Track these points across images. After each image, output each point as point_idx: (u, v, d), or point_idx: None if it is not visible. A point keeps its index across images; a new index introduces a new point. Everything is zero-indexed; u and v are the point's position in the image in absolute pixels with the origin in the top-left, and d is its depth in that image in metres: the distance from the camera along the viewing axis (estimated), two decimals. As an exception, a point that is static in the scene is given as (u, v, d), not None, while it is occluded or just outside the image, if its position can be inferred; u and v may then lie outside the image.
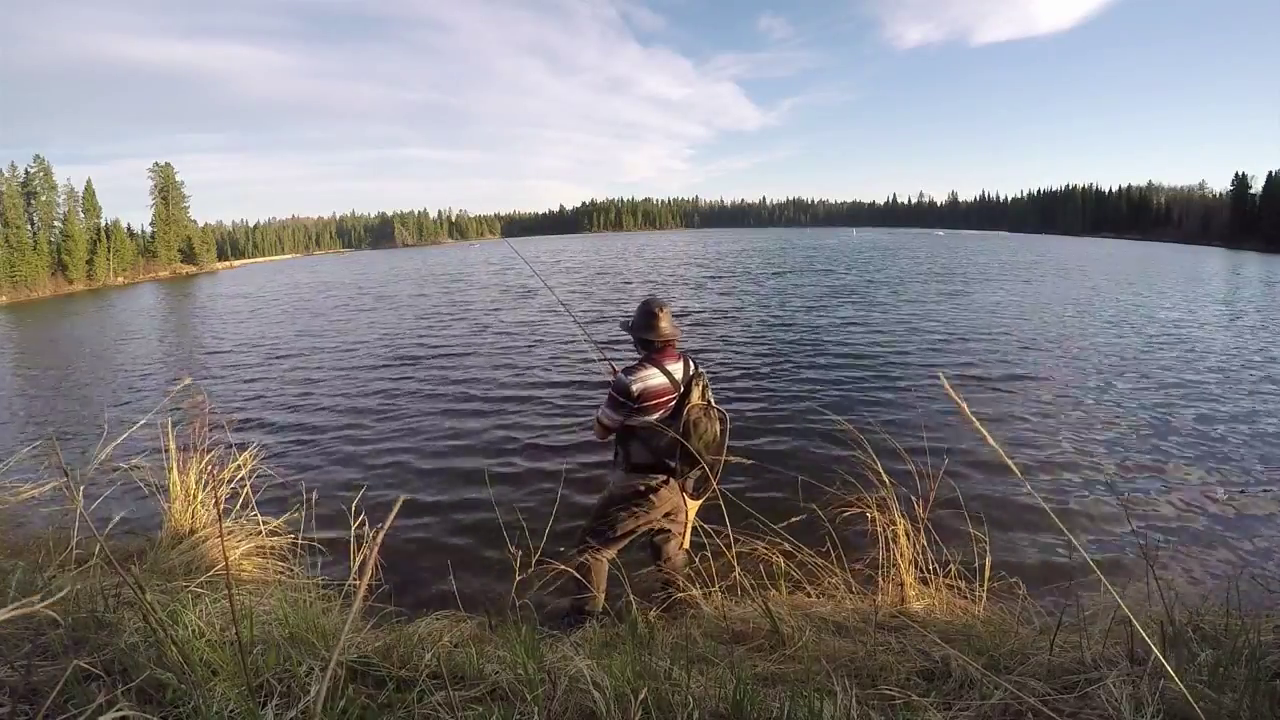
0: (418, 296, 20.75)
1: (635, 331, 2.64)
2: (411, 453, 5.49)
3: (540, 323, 13.27)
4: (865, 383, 7.51)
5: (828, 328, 11.60)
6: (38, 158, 47.88)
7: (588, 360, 8.76)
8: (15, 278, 42.78)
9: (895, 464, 2.63)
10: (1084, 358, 8.74)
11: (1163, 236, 73.68)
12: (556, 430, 5.95)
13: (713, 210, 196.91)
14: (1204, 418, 6.01)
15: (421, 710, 1.22)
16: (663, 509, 2.58)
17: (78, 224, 49.39)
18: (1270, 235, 52.09)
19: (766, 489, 4.26)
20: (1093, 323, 12.02)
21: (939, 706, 1.31)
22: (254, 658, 1.34)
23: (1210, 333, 11.01)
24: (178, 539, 2.63)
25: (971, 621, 2.09)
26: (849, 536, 2.50)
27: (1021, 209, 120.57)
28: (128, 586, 1.24)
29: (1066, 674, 1.40)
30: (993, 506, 4.01)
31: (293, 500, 2.94)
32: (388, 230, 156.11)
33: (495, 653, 1.56)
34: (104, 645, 1.36)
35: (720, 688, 1.35)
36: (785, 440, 5.49)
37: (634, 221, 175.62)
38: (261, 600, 2.03)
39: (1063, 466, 4.81)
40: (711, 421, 2.52)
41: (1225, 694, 1.20)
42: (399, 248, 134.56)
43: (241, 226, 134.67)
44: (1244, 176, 63.29)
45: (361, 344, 11.72)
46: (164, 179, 60.54)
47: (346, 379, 8.72)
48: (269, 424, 6.64)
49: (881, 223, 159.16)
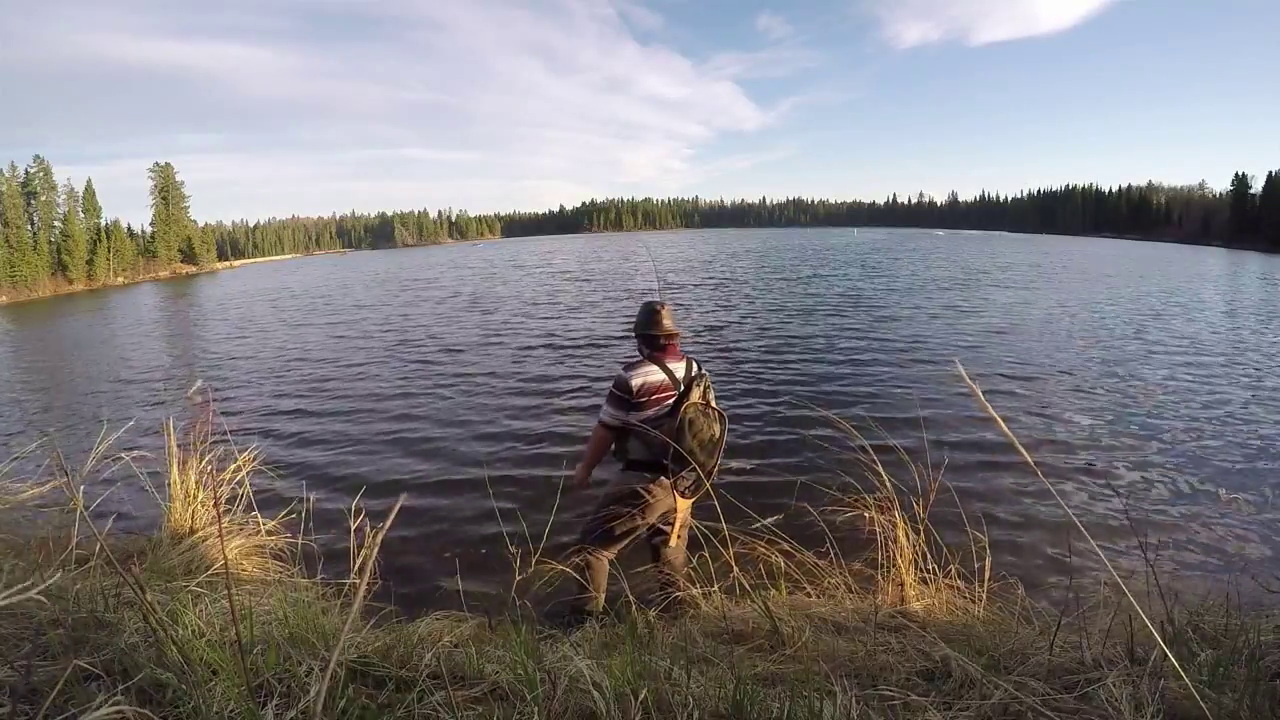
0: (419, 296, 20.76)
1: (638, 329, 2.76)
2: (411, 453, 5.49)
3: (541, 323, 13.27)
4: (865, 383, 7.51)
5: (828, 328, 11.59)
6: (38, 158, 47.97)
7: (587, 361, 8.77)
8: (15, 278, 42.80)
9: (895, 464, 2.62)
10: (1086, 358, 8.74)
11: (1163, 236, 73.60)
12: (557, 430, 5.95)
13: (713, 210, 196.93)
14: (1206, 417, 6.00)
15: (421, 710, 1.22)
16: (660, 508, 2.58)
17: (78, 224, 49.41)
18: (1271, 236, 52.04)
19: (766, 489, 4.26)
20: (1100, 322, 12.02)
21: (939, 706, 1.31)
22: (254, 658, 1.34)
23: (1216, 332, 11.01)
24: (178, 539, 2.63)
25: (971, 621, 2.09)
26: (849, 536, 2.50)
27: (1021, 209, 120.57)
28: (128, 586, 1.24)
29: (1066, 674, 1.40)
30: (993, 506, 4.01)
31: (293, 500, 2.95)
32: (388, 230, 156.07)
33: (495, 653, 1.56)
34: (104, 645, 1.36)
35: (720, 688, 1.35)
36: (785, 440, 5.49)
37: (634, 221, 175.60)
38: (261, 600, 2.03)
39: (1063, 465, 4.81)
40: (710, 421, 2.52)
41: (1225, 694, 1.20)
42: (399, 248, 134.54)
43: (241, 226, 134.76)
44: (1244, 176, 63.32)
45: (362, 344, 11.72)
46: (164, 179, 60.58)
47: (347, 379, 8.72)
48: (269, 424, 6.63)
49: (881, 222, 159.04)
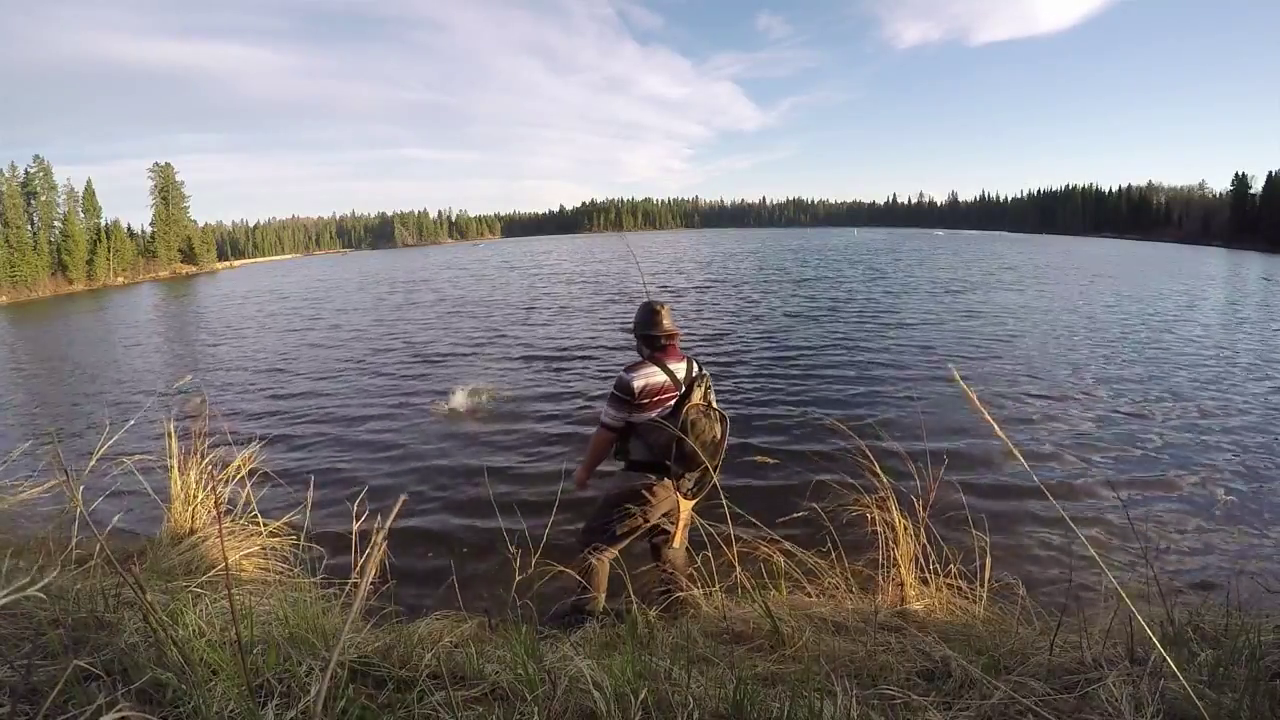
0: (423, 296, 20.74)
1: (637, 329, 2.71)
2: (412, 453, 5.50)
3: (541, 325, 13.27)
4: (866, 383, 7.51)
5: (828, 329, 11.60)
6: (37, 158, 47.99)
7: (587, 361, 8.77)
8: (15, 278, 42.81)
9: (895, 464, 2.62)
10: (1086, 359, 8.73)
11: (1163, 236, 73.60)
12: (557, 430, 5.95)
13: (713, 210, 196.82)
14: (1207, 416, 6.00)
15: (421, 710, 1.22)
16: (661, 508, 2.58)
17: (78, 224, 49.42)
18: (1271, 236, 52.00)
19: (767, 489, 4.26)
20: (1101, 323, 12.02)
21: (939, 706, 1.31)
22: (254, 658, 1.33)
23: (1215, 332, 11.00)
24: (178, 539, 2.62)
25: (971, 621, 2.09)
26: (849, 536, 2.50)
27: (1021, 209, 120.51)
28: (128, 586, 1.24)
29: (1066, 674, 1.40)
30: (993, 506, 4.01)
31: (293, 500, 2.94)
32: (388, 230, 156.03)
33: (495, 653, 1.56)
34: (104, 645, 1.36)
35: (720, 688, 1.35)
36: (786, 440, 5.49)
37: (634, 221, 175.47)
38: (261, 600, 2.03)
39: (1064, 466, 4.81)
40: (711, 422, 2.52)
41: (1225, 694, 1.20)
42: (399, 248, 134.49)
43: (241, 226, 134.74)
44: (1244, 176, 63.33)
45: (364, 345, 11.72)
46: (164, 179, 60.57)
47: (347, 380, 8.72)
48: (269, 424, 6.63)
49: (881, 222, 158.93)
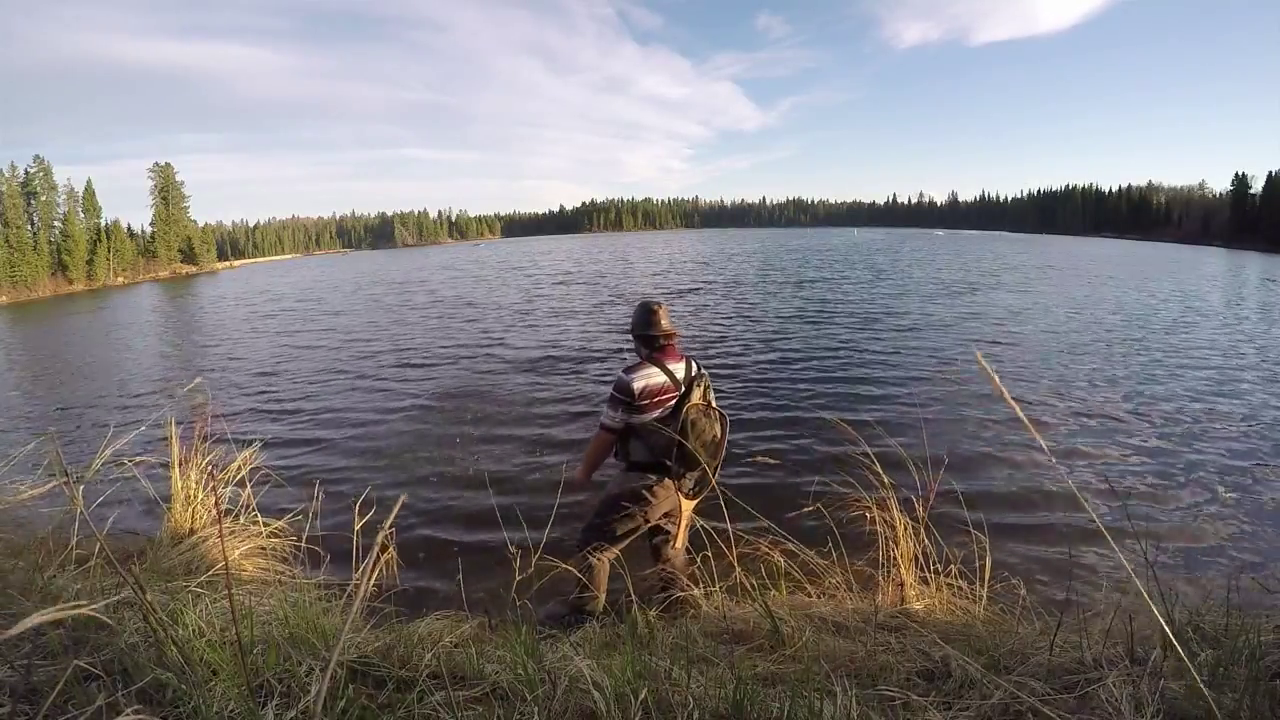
0: (425, 296, 20.75)
1: (635, 330, 2.70)
2: (412, 453, 5.49)
3: (541, 326, 13.27)
4: (866, 384, 7.51)
5: (828, 330, 11.60)
6: (37, 158, 47.97)
7: (587, 363, 8.76)
8: (15, 278, 42.80)
9: (895, 464, 2.62)
10: (1087, 359, 8.73)
11: (1163, 236, 73.57)
12: (557, 430, 5.95)
13: (713, 210, 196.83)
14: (1207, 416, 6.00)
15: (421, 710, 1.22)
16: (662, 508, 2.58)
17: (78, 224, 49.41)
18: (1270, 236, 51.98)
19: (768, 489, 4.26)
20: (1102, 324, 12.01)
21: (939, 706, 1.31)
22: (254, 658, 1.34)
23: (1216, 333, 11.00)
24: (178, 539, 2.63)
25: (971, 621, 2.09)
26: (849, 536, 2.50)
27: (1021, 209, 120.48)
28: (128, 586, 1.24)
29: (1066, 674, 1.40)
30: (993, 506, 4.01)
31: (293, 500, 2.95)
32: (388, 230, 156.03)
33: (495, 653, 1.56)
34: (104, 645, 1.36)
35: (720, 688, 1.35)
36: (786, 440, 5.49)
37: (634, 221, 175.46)
38: (261, 600, 2.03)
39: (1064, 466, 4.80)
40: (711, 422, 2.52)
41: (1225, 694, 1.20)
42: (399, 248, 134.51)
43: (241, 226, 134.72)
44: (1244, 176, 63.28)
45: (363, 345, 11.72)
46: (164, 179, 60.56)
47: (347, 380, 8.72)
48: (270, 424, 6.63)
49: (881, 222, 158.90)
